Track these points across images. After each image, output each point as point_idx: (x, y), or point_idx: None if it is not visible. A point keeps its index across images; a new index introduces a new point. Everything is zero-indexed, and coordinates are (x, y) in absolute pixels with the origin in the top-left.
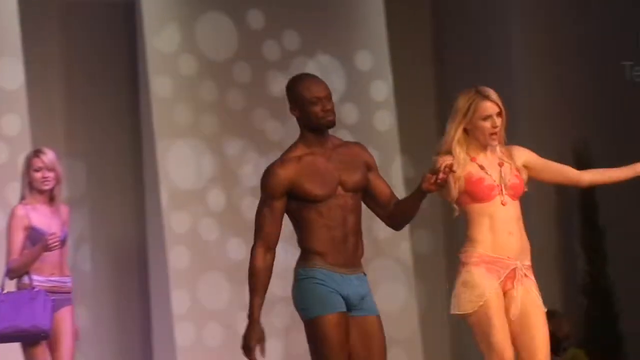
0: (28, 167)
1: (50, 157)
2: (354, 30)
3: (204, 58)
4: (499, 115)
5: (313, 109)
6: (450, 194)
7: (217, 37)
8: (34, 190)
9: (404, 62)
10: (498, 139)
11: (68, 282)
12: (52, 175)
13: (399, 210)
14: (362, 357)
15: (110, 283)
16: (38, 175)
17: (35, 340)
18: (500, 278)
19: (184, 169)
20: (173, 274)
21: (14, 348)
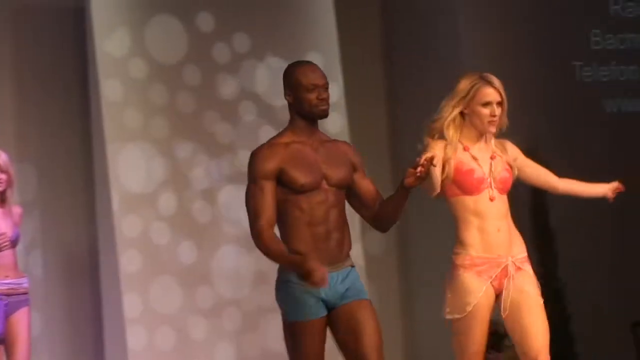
0: None
1: (4, 158)
2: (304, 32)
3: (154, 61)
4: (500, 105)
5: (308, 96)
6: (433, 187)
7: (167, 40)
8: None
9: (354, 63)
10: (496, 128)
11: (24, 282)
12: (4, 177)
13: (384, 211)
14: (350, 342)
15: (62, 287)
16: None
17: None
18: (492, 279)
19: (135, 173)
20: (124, 278)
21: None
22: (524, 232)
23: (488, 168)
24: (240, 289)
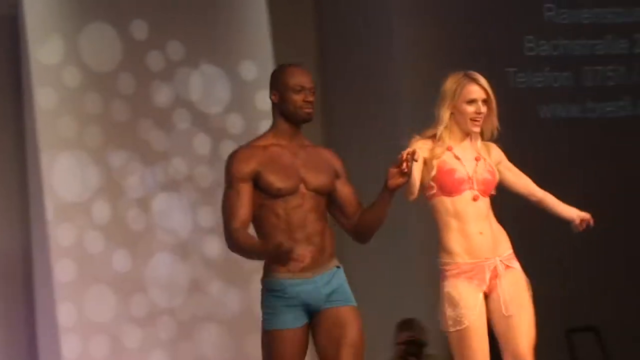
0: None
1: None
2: (238, 41)
3: (88, 69)
4: (485, 103)
5: (293, 97)
6: (411, 188)
7: (100, 48)
8: None
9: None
10: (481, 127)
11: None
12: None
13: (365, 220)
14: (330, 349)
15: None
16: None
17: None
18: (484, 282)
19: (69, 181)
20: (58, 287)
21: None
22: None
23: (472, 168)
24: (175, 298)
